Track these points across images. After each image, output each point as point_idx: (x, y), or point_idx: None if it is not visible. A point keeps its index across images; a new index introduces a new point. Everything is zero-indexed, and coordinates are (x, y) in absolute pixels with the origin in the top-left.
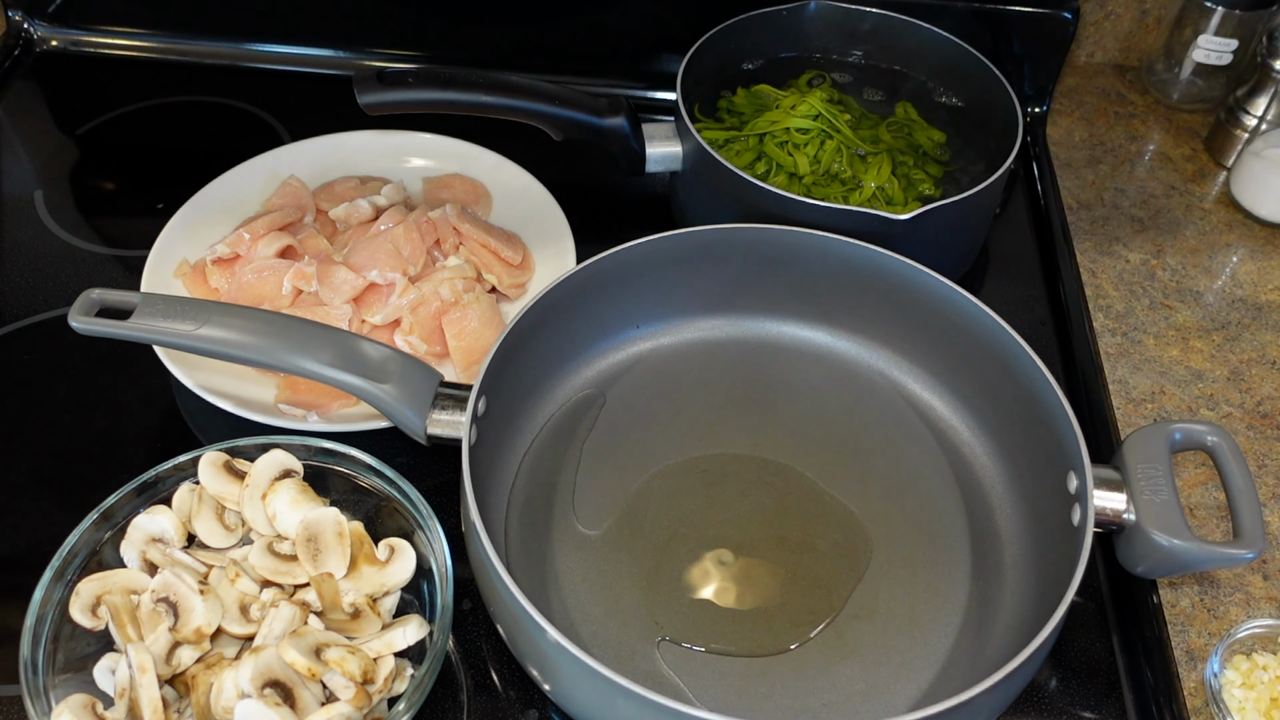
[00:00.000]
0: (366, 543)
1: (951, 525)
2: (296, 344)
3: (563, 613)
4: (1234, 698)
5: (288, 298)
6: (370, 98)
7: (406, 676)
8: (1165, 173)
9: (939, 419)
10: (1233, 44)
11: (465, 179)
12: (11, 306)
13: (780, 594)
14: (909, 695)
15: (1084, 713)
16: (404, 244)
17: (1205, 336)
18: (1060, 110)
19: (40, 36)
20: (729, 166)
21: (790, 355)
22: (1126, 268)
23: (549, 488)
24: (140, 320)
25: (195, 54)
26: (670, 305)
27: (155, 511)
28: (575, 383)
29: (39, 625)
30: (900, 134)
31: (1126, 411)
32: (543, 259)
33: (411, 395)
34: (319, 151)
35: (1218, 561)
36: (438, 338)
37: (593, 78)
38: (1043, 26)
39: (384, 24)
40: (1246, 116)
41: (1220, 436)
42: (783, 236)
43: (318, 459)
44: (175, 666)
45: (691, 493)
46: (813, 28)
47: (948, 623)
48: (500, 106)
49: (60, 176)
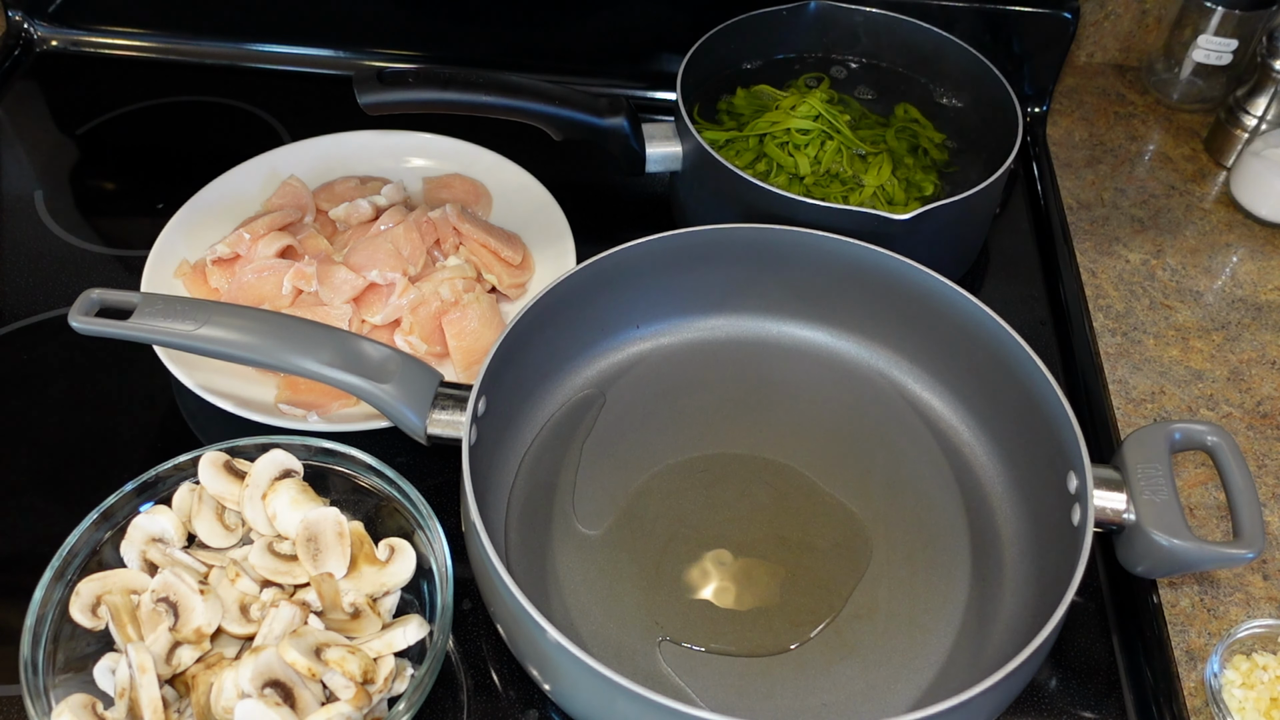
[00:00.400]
0: (366, 543)
1: (951, 525)
2: (296, 344)
3: (563, 613)
4: (1234, 698)
5: (288, 298)
6: (370, 98)
7: (406, 676)
8: (1165, 173)
9: (939, 419)
10: (1233, 44)
11: (465, 179)
12: (11, 306)
13: (780, 594)
14: (909, 695)
15: (1084, 713)
16: (404, 244)
17: (1205, 336)
18: (1060, 110)
19: (40, 36)
20: (729, 166)
21: (790, 355)
22: (1126, 268)
23: (549, 488)
24: (140, 320)
25: (195, 54)
26: (670, 305)
27: (155, 511)
28: (575, 383)
29: (39, 625)
30: (901, 134)
31: (1126, 411)
32: (543, 259)
33: (411, 395)
34: (319, 151)
35: (1218, 561)
36: (438, 338)
37: (593, 78)
38: (1043, 26)
39: (384, 24)
40: (1246, 116)
41: (1220, 436)
42: (783, 236)
43: (318, 459)
44: (175, 666)
45: (691, 493)
46: (813, 28)
47: (948, 623)
48: (500, 106)
49: (60, 176)
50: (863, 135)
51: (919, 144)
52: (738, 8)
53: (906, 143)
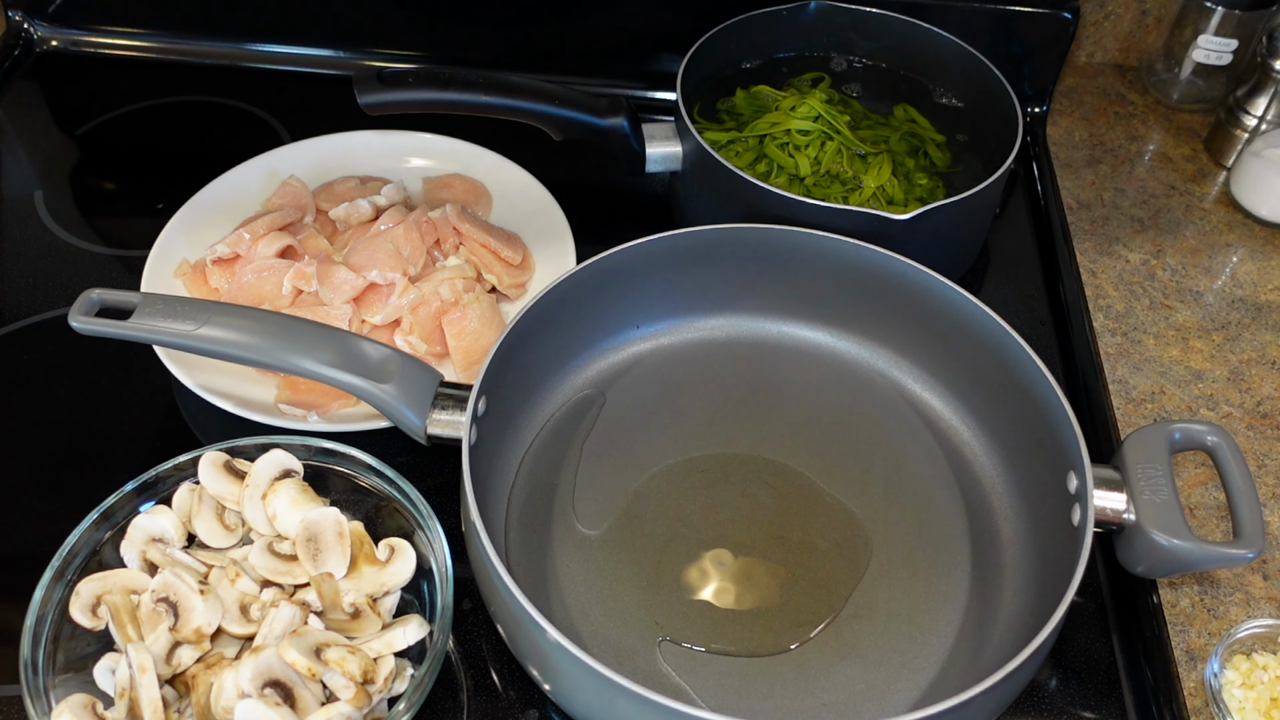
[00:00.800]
0: (366, 543)
1: (951, 525)
2: (296, 344)
3: (563, 613)
4: (1234, 698)
5: (288, 298)
6: (370, 98)
7: (406, 676)
8: (1165, 173)
9: (939, 419)
10: (1233, 44)
11: (465, 179)
12: (11, 306)
13: (780, 594)
14: (909, 695)
15: (1084, 713)
16: (404, 244)
17: (1205, 336)
18: (1060, 110)
19: (40, 36)
20: (729, 167)
21: (790, 355)
22: (1126, 268)
23: (549, 488)
24: (140, 320)
25: (195, 54)
26: (670, 305)
27: (155, 511)
28: (575, 383)
29: (39, 625)
30: (901, 135)
31: (1126, 411)
32: (543, 259)
33: (411, 395)
34: (319, 151)
35: (1218, 561)
36: (438, 338)
37: (593, 78)
38: (1043, 26)
39: (384, 24)
40: (1246, 116)
41: (1220, 436)
42: (783, 236)
43: (318, 459)
44: (175, 666)
45: (691, 493)
46: (813, 28)
47: (948, 623)
48: (500, 106)
49: (60, 176)
50: (863, 135)
51: (919, 144)
52: (738, 8)
53: (906, 143)
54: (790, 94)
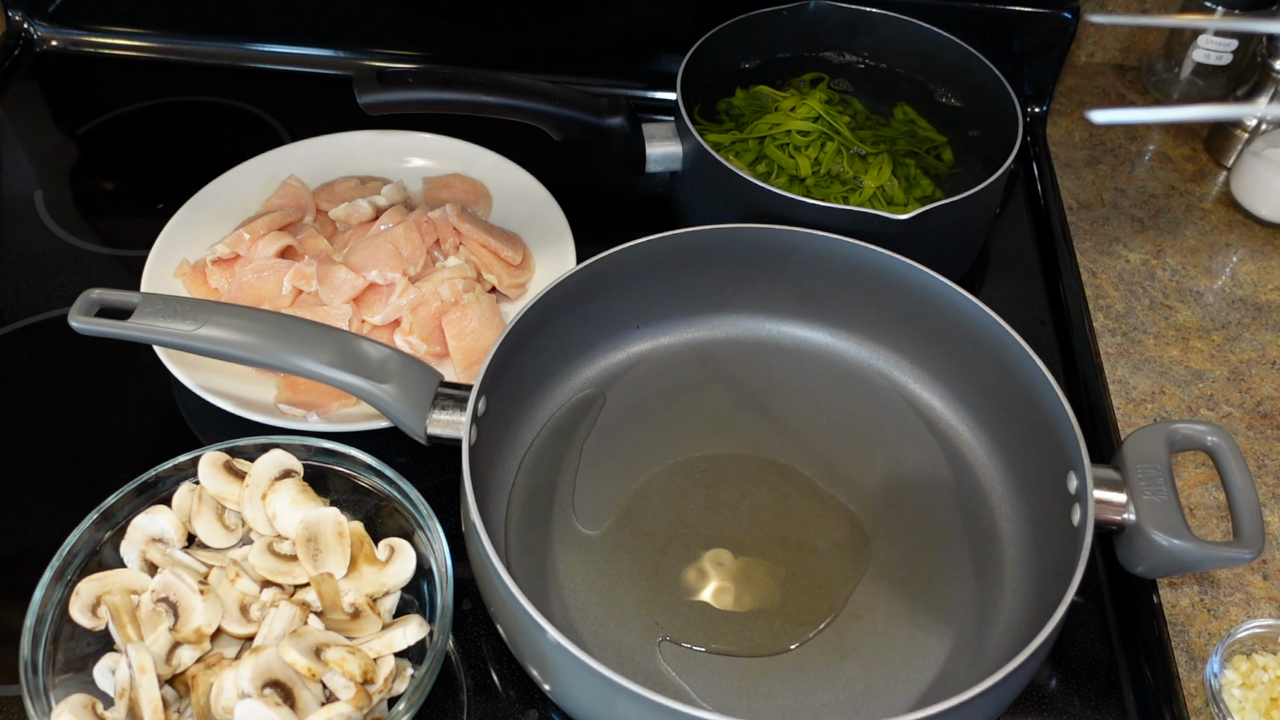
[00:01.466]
0: (366, 543)
1: (951, 525)
2: (296, 344)
3: (563, 613)
4: (1234, 698)
5: (288, 298)
6: (370, 98)
7: (406, 676)
8: (1165, 173)
9: (939, 419)
10: (1233, 44)
11: (465, 179)
12: (11, 306)
13: (780, 594)
14: (909, 695)
15: (1084, 713)
16: (404, 244)
17: (1205, 336)
18: (1060, 110)
19: (40, 36)
20: (729, 167)
21: (790, 355)
22: (1126, 268)
23: (549, 488)
24: (140, 320)
25: (195, 54)
26: (670, 305)
27: (155, 511)
28: (575, 383)
29: (39, 625)
30: (901, 135)
31: (1126, 411)
32: (543, 259)
33: (411, 395)
34: (319, 151)
35: (1217, 561)
36: (438, 338)
37: (593, 78)
38: (1043, 26)
39: (384, 24)
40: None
41: (1220, 437)
42: (783, 236)
43: (318, 459)
44: (175, 666)
45: (691, 493)
46: (813, 28)
47: (948, 623)
48: (500, 106)
49: (60, 176)
50: (863, 136)
51: (919, 145)
52: (738, 8)
53: (906, 143)
54: (790, 94)
